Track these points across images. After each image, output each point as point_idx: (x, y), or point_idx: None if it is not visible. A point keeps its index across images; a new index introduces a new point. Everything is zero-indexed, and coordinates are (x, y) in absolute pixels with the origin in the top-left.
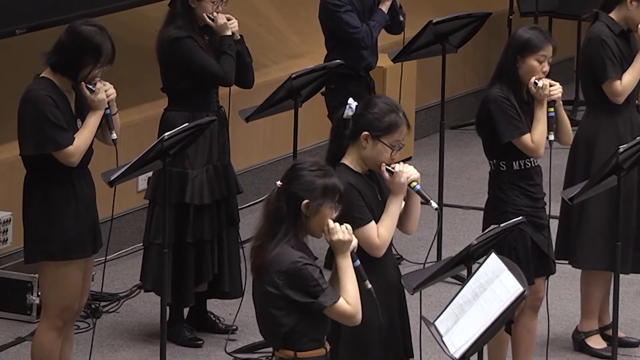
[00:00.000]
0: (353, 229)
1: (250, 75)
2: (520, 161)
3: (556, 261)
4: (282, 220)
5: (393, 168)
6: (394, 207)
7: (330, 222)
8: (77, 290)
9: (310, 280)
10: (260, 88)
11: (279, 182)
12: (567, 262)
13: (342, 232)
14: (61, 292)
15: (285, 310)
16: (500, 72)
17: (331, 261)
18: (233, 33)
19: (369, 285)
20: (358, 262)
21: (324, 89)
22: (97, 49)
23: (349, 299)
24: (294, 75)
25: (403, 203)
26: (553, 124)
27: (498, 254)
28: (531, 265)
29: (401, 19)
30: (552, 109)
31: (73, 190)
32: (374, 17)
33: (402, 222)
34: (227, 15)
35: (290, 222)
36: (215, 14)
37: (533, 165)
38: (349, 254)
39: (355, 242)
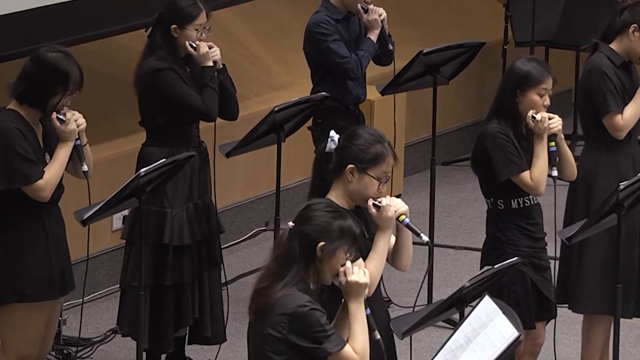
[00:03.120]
0: None
1: (234, 106)
2: (519, 199)
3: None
4: (293, 262)
5: (380, 202)
6: (382, 244)
7: (348, 262)
8: (38, 336)
9: (316, 325)
10: (241, 121)
11: (291, 223)
12: (566, 306)
13: (359, 274)
14: (22, 337)
15: (285, 355)
16: (498, 106)
17: None
18: (215, 62)
19: (378, 336)
20: (369, 311)
21: (310, 123)
22: (65, 75)
23: (357, 346)
24: (276, 109)
25: (393, 238)
26: (555, 159)
27: (497, 296)
28: (531, 308)
29: (390, 47)
30: (553, 143)
31: (43, 228)
32: (363, 46)
33: (395, 259)
34: (209, 43)
35: (301, 264)
36: (197, 42)
37: (533, 203)
38: (362, 299)
39: (367, 290)
